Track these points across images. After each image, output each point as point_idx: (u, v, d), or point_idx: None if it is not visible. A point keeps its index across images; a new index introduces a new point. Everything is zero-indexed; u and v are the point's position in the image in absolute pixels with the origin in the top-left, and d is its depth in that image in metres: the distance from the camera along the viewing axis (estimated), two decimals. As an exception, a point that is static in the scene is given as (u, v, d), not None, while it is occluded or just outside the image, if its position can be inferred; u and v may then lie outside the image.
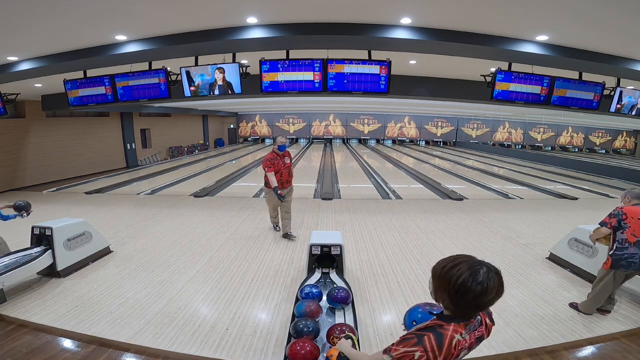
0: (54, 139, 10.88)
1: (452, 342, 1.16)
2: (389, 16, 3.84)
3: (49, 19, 3.65)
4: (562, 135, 25.55)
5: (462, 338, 1.18)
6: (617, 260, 2.81)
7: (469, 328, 1.21)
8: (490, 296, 1.12)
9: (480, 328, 1.26)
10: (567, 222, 5.97)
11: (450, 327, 1.18)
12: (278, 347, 2.60)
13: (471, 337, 1.23)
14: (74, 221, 4.11)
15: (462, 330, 1.19)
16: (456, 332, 1.18)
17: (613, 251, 2.85)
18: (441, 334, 1.16)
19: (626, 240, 2.77)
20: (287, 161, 4.80)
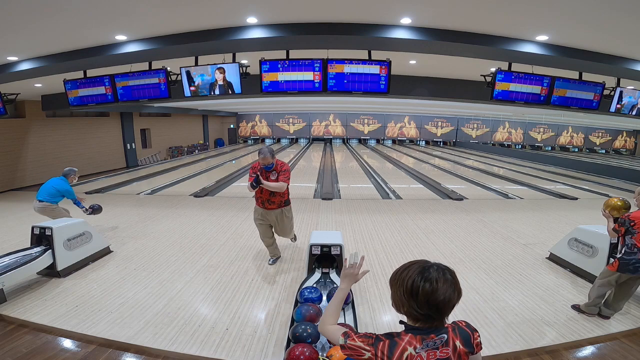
0: (54, 139, 10.88)
1: (403, 354, 1.09)
2: (389, 16, 3.84)
3: (48, 19, 3.65)
4: (562, 135, 25.56)
5: (416, 353, 1.09)
6: (624, 264, 2.81)
7: (427, 344, 1.10)
8: (444, 295, 1.08)
9: (444, 349, 1.12)
10: (567, 222, 5.97)
11: (405, 338, 1.12)
12: (278, 348, 2.60)
13: (429, 356, 1.10)
14: (74, 221, 4.11)
15: (417, 344, 1.10)
16: (410, 345, 1.10)
17: (621, 255, 2.85)
18: (395, 343, 1.12)
19: (635, 246, 2.77)
20: (273, 177, 3.70)
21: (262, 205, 3.76)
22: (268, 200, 3.73)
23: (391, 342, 1.13)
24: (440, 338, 1.12)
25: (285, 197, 3.82)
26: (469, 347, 1.15)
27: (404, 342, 1.12)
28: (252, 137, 25.10)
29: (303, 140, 25.21)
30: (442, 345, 1.12)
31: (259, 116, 24.68)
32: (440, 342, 1.12)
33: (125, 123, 13.94)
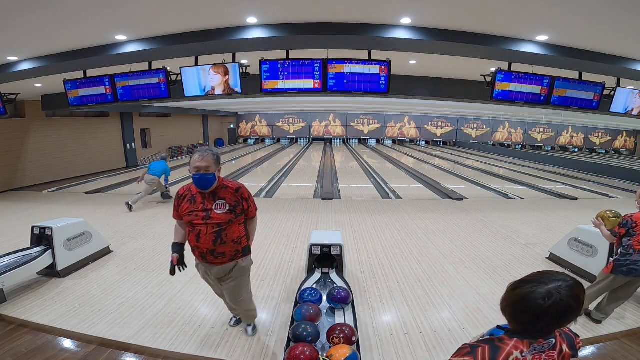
0: (54, 139, 10.88)
1: (508, 358, 1.05)
2: (389, 16, 3.84)
3: (48, 18, 3.65)
4: (562, 135, 25.55)
5: (522, 357, 1.06)
6: (619, 265, 2.78)
7: (535, 348, 1.08)
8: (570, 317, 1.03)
9: (550, 352, 1.10)
10: (567, 222, 5.97)
11: (510, 343, 1.08)
12: (278, 348, 2.60)
13: (534, 359, 1.08)
14: (74, 221, 4.11)
15: (525, 348, 1.07)
16: (516, 349, 1.07)
17: (617, 257, 2.82)
18: (498, 348, 1.07)
19: (631, 247, 2.74)
20: (218, 211, 2.23)
21: (203, 258, 2.32)
22: (212, 251, 2.26)
23: (492, 346, 1.09)
24: (549, 342, 1.10)
25: (243, 243, 2.39)
26: (573, 351, 1.15)
27: (509, 346, 1.08)
28: (252, 137, 25.10)
29: (303, 140, 25.21)
30: (549, 349, 1.10)
31: (259, 116, 24.68)
32: (548, 346, 1.10)
33: (125, 123, 13.93)
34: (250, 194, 2.42)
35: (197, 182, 2.19)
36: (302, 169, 13.23)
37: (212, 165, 2.18)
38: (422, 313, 3.09)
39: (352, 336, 2.27)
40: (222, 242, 2.26)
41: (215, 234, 2.24)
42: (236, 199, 2.29)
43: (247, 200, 2.36)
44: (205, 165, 2.15)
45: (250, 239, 2.53)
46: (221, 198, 2.25)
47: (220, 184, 2.28)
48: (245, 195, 2.36)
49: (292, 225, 5.74)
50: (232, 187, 2.30)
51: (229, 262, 2.35)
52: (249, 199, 2.38)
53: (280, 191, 8.80)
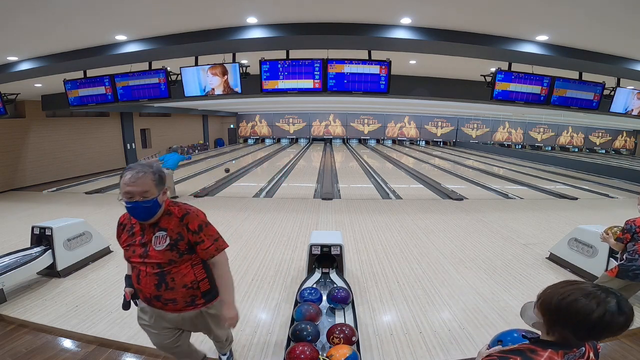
0: (54, 139, 10.88)
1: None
2: (389, 16, 3.84)
3: (48, 18, 3.65)
4: (562, 135, 25.56)
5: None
6: (624, 270, 2.72)
7: (568, 357, 1.05)
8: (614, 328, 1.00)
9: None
10: (567, 222, 5.97)
11: (545, 354, 1.04)
12: (278, 348, 2.60)
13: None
14: (74, 221, 4.11)
15: (559, 358, 1.05)
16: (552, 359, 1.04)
17: (622, 262, 2.77)
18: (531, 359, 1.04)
19: (636, 252, 2.69)
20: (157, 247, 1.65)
21: (148, 302, 1.78)
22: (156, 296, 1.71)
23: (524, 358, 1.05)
24: (580, 351, 1.09)
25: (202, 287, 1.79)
26: (597, 357, 1.15)
27: (544, 357, 1.05)
28: (252, 137, 25.11)
29: (303, 140, 25.21)
30: (580, 357, 1.09)
31: (259, 116, 24.68)
32: (579, 355, 1.09)
33: (125, 123, 13.93)
34: (205, 225, 1.70)
35: (132, 212, 1.60)
36: (302, 169, 13.23)
37: (151, 187, 1.55)
38: (422, 313, 3.09)
39: (352, 336, 2.27)
40: (168, 287, 1.67)
41: (157, 277, 1.65)
42: (180, 231, 1.63)
43: (196, 233, 1.64)
44: (141, 190, 1.53)
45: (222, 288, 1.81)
46: (162, 228, 1.64)
47: (165, 209, 1.67)
48: (194, 225, 1.64)
49: (292, 225, 5.74)
50: (177, 214, 1.65)
51: (187, 309, 1.75)
52: (200, 231, 1.65)
53: (280, 191, 8.81)
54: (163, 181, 1.64)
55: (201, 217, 1.72)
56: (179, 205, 1.73)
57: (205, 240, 1.69)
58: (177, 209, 1.69)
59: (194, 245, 1.68)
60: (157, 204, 1.60)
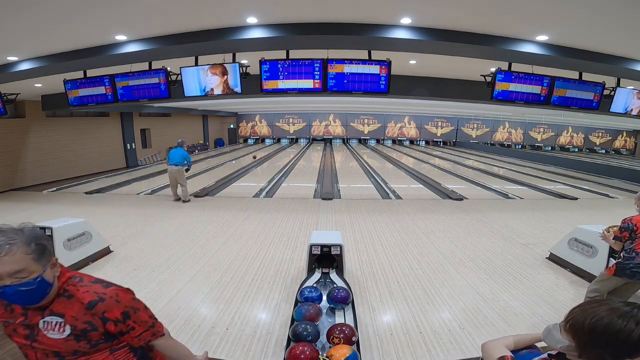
0: (54, 139, 10.88)
1: None
2: (389, 16, 3.84)
3: (49, 18, 3.65)
4: (562, 135, 25.56)
5: None
6: (622, 269, 2.74)
7: None
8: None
9: None
10: (567, 222, 5.97)
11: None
12: (278, 348, 2.60)
13: None
14: (74, 221, 4.11)
15: None
16: None
17: (619, 260, 2.78)
18: None
19: (634, 250, 2.71)
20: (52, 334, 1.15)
21: None
22: None
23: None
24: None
25: None
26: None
27: None
28: (252, 137, 25.11)
29: (303, 140, 25.21)
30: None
31: (259, 116, 24.69)
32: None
33: (125, 123, 13.94)
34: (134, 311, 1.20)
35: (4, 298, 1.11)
36: (302, 169, 13.24)
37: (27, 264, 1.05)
38: (422, 313, 3.09)
39: (352, 336, 2.27)
40: None
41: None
42: (88, 320, 1.13)
43: (120, 322, 1.16)
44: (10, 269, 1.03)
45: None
46: (57, 313, 1.14)
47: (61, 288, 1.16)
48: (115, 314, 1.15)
49: (292, 225, 5.74)
50: (81, 299, 1.14)
51: None
52: (126, 319, 1.17)
53: (280, 191, 8.81)
54: (46, 251, 1.11)
55: (124, 300, 1.18)
56: (84, 284, 1.17)
57: (137, 327, 1.20)
58: (83, 290, 1.15)
59: (118, 335, 1.19)
60: (44, 285, 1.09)
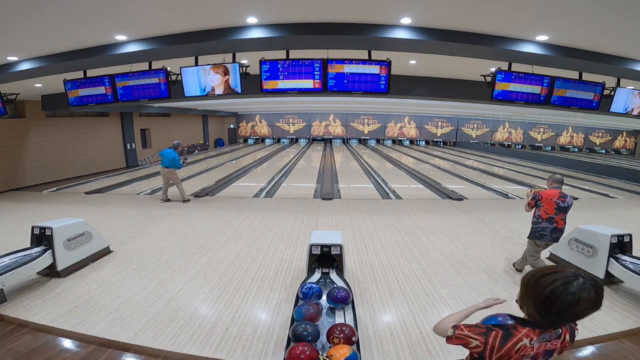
0: (54, 139, 10.88)
1: (516, 345, 1.13)
2: (389, 16, 3.84)
3: (49, 18, 3.65)
4: (562, 135, 25.55)
5: (530, 345, 1.14)
6: (532, 232, 3.58)
7: (544, 337, 1.16)
8: (582, 308, 1.07)
9: (555, 341, 1.18)
10: (567, 222, 5.95)
11: (522, 331, 1.15)
12: (278, 348, 2.60)
13: (540, 347, 1.16)
14: (74, 221, 4.11)
15: (535, 336, 1.15)
16: (527, 337, 1.14)
17: (532, 225, 3.58)
18: (511, 334, 1.15)
19: (540, 217, 3.49)
20: None
21: None
22: None
23: (506, 332, 1.16)
24: (556, 332, 1.17)
25: None
26: (572, 340, 1.23)
27: (521, 334, 1.15)
28: (252, 137, 25.11)
29: (303, 140, 25.21)
30: (556, 338, 1.18)
31: (259, 116, 24.68)
32: (555, 335, 1.17)
33: (125, 123, 13.93)
34: None
35: None
36: (302, 169, 13.23)
37: None
38: (422, 313, 3.09)
39: (352, 336, 2.27)
40: None
41: None
42: None
43: None
44: None
45: None
46: None
47: None
48: None
49: (292, 225, 5.75)
50: None
51: None
52: None
53: (280, 191, 8.81)
54: None
55: None
56: None
57: None
58: None
59: None
60: None
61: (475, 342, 1.17)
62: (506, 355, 1.14)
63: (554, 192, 3.48)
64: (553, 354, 1.20)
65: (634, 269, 3.33)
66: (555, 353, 1.21)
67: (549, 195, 3.48)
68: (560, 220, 3.46)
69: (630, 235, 3.68)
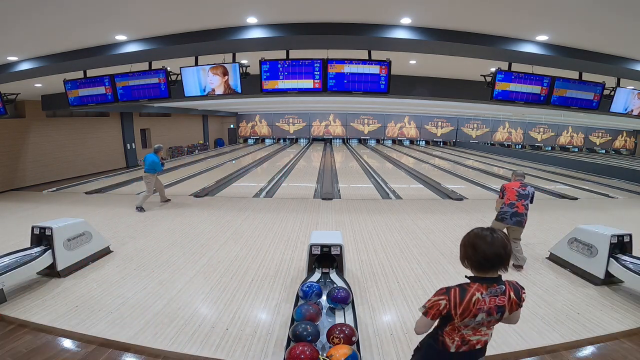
0: (54, 139, 10.88)
1: (472, 298, 1.43)
2: (389, 16, 3.84)
3: (49, 18, 3.65)
4: (562, 135, 25.54)
5: (482, 298, 1.43)
6: (497, 215, 4.12)
7: (490, 291, 1.45)
8: (496, 249, 1.42)
9: (501, 297, 1.46)
10: (567, 222, 5.97)
11: (473, 286, 1.45)
12: (278, 348, 2.60)
13: (491, 301, 1.45)
14: (74, 221, 4.11)
15: (483, 290, 1.44)
16: (478, 291, 1.44)
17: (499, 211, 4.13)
18: (465, 290, 1.45)
19: (504, 203, 4.08)
20: None
21: None
22: None
23: (461, 289, 1.46)
24: (500, 288, 1.46)
25: None
26: (518, 299, 1.50)
27: (473, 288, 1.45)
28: (252, 137, 25.11)
29: (303, 140, 25.21)
30: (501, 294, 1.46)
31: (259, 116, 24.68)
32: (500, 291, 1.46)
33: (125, 123, 13.94)
34: None
35: None
36: (302, 169, 13.23)
37: None
38: (422, 313, 3.09)
39: (352, 336, 2.27)
40: None
41: None
42: None
43: None
44: None
45: None
46: None
47: None
48: None
49: (292, 225, 5.75)
50: None
51: None
52: None
53: (280, 191, 8.81)
54: None
55: None
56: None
57: None
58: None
59: None
60: None
61: (443, 302, 1.45)
62: (467, 308, 1.43)
63: (516, 183, 4.14)
64: (504, 310, 1.47)
65: (634, 269, 3.33)
66: (507, 311, 1.48)
67: (512, 185, 4.13)
68: (521, 206, 4.00)
69: (630, 235, 3.68)
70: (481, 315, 1.45)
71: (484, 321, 1.48)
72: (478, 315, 1.45)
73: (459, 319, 1.45)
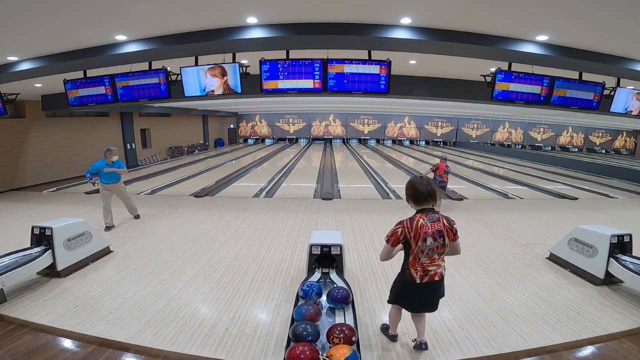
0: (54, 139, 10.88)
1: (418, 223, 2.13)
2: (389, 16, 3.84)
3: (49, 18, 3.65)
4: (562, 135, 25.56)
5: (425, 223, 2.13)
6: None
7: (429, 218, 2.15)
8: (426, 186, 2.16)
9: (438, 223, 2.15)
10: (567, 222, 5.97)
11: (417, 216, 2.17)
12: (278, 348, 2.60)
13: (432, 226, 2.13)
14: (74, 221, 4.11)
15: (425, 217, 2.15)
16: (421, 218, 2.14)
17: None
18: (413, 218, 2.17)
19: (435, 176, 6.19)
20: None
21: None
22: None
23: (410, 219, 2.17)
24: (435, 215, 2.17)
25: None
26: (450, 226, 2.18)
27: (418, 217, 2.16)
28: (252, 137, 25.11)
29: (303, 140, 25.21)
30: (437, 220, 2.15)
31: (259, 116, 24.69)
32: (436, 218, 2.16)
33: (125, 123, 13.94)
34: None
35: None
36: (302, 169, 13.23)
37: None
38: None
39: (352, 336, 2.27)
40: None
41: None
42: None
43: None
44: None
45: None
46: None
47: None
48: None
49: (292, 225, 5.75)
50: None
51: None
52: None
53: (280, 191, 8.81)
54: None
55: None
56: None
57: None
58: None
59: None
60: None
61: (400, 229, 2.14)
62: (417, 232, 2.11)
63: (443, 164, 6.53)
64: (444, 235, 2.14)
65: (634, 269, 3.33)
66: (445, 236, 2.14)
67: (441, 166, 6.51)
68: (446, 177, 6.49)
69: (630, 235, 3.68)
70: (429, 240, 2.10)
71: (433, 246, 2.11)
72: (427, 239, 2.10)
73: (414, 243, 2.11)
